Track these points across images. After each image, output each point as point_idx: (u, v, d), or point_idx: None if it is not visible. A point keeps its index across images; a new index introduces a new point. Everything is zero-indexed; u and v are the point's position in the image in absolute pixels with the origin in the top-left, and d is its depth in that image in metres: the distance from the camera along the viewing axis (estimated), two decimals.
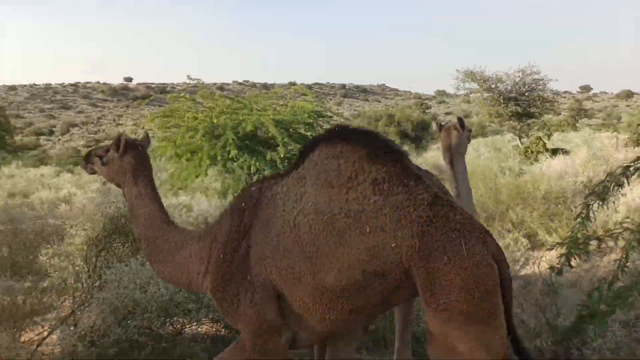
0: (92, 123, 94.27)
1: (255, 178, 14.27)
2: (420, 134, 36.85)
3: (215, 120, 13.64)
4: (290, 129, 14.01)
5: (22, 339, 4.57)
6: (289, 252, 2.52)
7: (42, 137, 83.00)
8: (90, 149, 3.50)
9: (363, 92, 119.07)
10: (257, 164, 13.68)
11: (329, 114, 15.62)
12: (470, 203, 4.45)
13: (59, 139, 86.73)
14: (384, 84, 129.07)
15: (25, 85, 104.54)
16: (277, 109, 14.93)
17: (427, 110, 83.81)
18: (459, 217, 2.43)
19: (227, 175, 14.25)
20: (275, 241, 2.56)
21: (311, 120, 14.30)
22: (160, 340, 4.25)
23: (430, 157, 22.21)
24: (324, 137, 2.72)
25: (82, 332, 4.16)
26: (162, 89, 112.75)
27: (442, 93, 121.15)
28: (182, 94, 17.62)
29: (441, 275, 2.28)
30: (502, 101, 23.05)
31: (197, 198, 14.80)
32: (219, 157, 13.12)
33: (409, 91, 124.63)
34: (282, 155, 13.24)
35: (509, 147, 22.71)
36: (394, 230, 2.35)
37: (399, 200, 2.41)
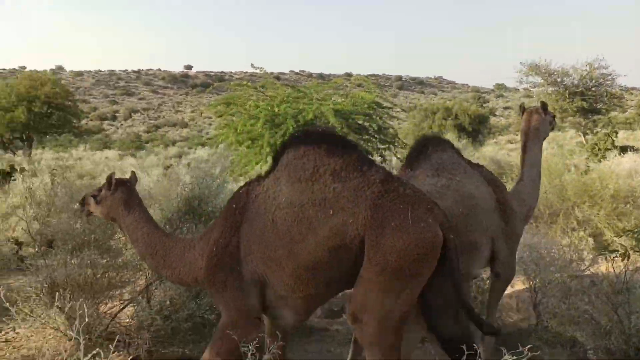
0: (153, 109, 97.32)
1: None
2: (477, 128, 36.11)
3: (276, 109, 13.85)
4: (350, 120, 14.06)
5: (101, 309, 4.85)
6: (270, 244, 2.93)
7: (106, 121, 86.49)
8: (84, 194, 3.87)
9: (419, 84, 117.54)
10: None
11: (388, 104, 15.57)
12: (534, 189, 4.32)
13: (122, 124, 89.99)
14: (441, 77, 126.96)
15: (90, 72, 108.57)
16: (337, 99, 15.01)
17: (484, 104, 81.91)
18: (408, 191, 2.87)
19: None
20: (259, 236, 2.99)
21: (370, 111, 14.30)
22: None
23: (488, 152, 21.75)
24: (289, 142, 3.18)
25: (158, 307, 4.39)
26: (221, 77, 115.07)
27: (501, 87, 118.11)
28: (244, 82, 17.98)
29: (387, 238, 2.70)
30: (567, 96, 22.33)
31: None
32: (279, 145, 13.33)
33: (467, 84, 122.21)
34: None
35: (572, 144, 21.99)
36: (352, 208, 2.79)
37: (355, 183, 2.86)
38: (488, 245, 3.80)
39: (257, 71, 15.90)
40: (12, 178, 15.51)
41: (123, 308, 4.86)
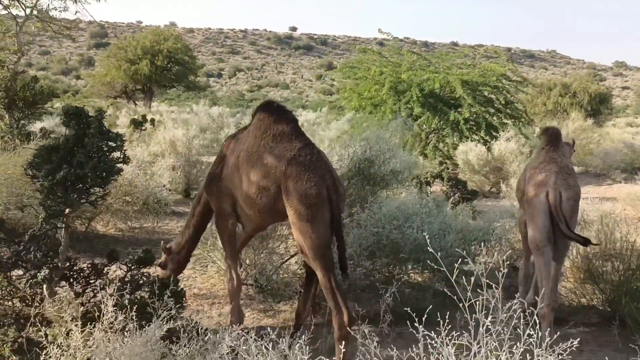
0: (257, 69, 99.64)
1: (432, 136, 14.29)
2: (596, 108, 33.90)
3: (402, 76, 13.78)
4: (477, 91, 13.73)
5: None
6: (235, 172, 4.20)
7: (212, 78, 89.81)
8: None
9: (530, 57, 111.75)
10: (439, 122, 13.64)
11: (518, 78, 15.00)
12: None
13: (226, 82, 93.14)
14: (554, 50, 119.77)
15: (201, 29, 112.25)
16: (465, 69, 14.64)
17: (600, 83, 76.66)
18: (314, 158, 3.89)
19: (407, 131, 14.41)
20: (231, 166, 4.27)
21: (499, 84, 13.88)
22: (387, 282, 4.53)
23: (615, 134, 20.45)
24: (258, 109, 4.34)
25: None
26: (324, 41, 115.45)
27: (620, 64, 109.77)
28: (369, 47, 17.95)
29: (292, 188, 3.79)
30: None
31: None
32: (403, 113, 13.26)
33: (582, 60, 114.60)
34: (466, 116, 13.06)
35: None
36: (277, 162, 3.90)
37: (283, 145, 3.97)
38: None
39: (385, 36, 15.76)
40: (143, 127, 16.62)
41: (291, 257, 5.15)
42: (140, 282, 3.72)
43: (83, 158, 3.40)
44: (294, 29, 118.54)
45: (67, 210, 3.44)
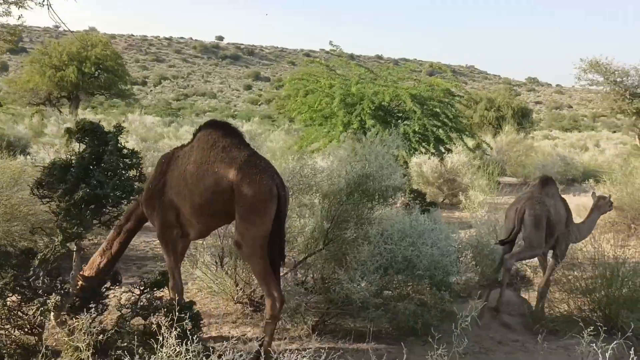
0: (183, 78, 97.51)
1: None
2: (519, 122, 35.70)
3: (353, 89, 13.89)
4: (425, 105, 14.07)
5: None
6: (181, 185, 4.46)
7: (136, 86, 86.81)
8: None
9: (451, 72, 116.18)
10: (390, 134, 13.83)
11: (460, 93, 15.53)
12: (587, 231, 6.41)
13: (151, 90, 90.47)
14: (472, 66, 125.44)
15: (123, 35, 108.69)
16: (412, 83, 14.99)
17: (515, 97, 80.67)
18: (262, 163, 4.39)
19: (357, 143, 14.53)
20: (175, 180, 4.51)
21: (446, 99, 14.31)
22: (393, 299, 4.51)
23: (544, 147, 21.56)
24: (203, 126, 4.71)
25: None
26: (251, 51, 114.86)
27: (533, 80, 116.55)
28: (317, 59, 17.98)
29: (244, 189, 4.22)
30: (627, 96, 22.00)
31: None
32: (354, 125, 13.36)
33: (498, 75, 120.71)
34: (415, 129, 13.34)
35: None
36: (228, 169, 4.29)
37: (233, 154, 4.38)
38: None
39: (334, 49, 15.85)
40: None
41: (286, 273, 5.02)
42: (155, 305, 3.50)
43: (101, 177, 3.15)
44: (220, 38, 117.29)
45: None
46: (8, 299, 3.35)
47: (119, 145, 3.33)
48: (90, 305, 3.48)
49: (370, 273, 4.37)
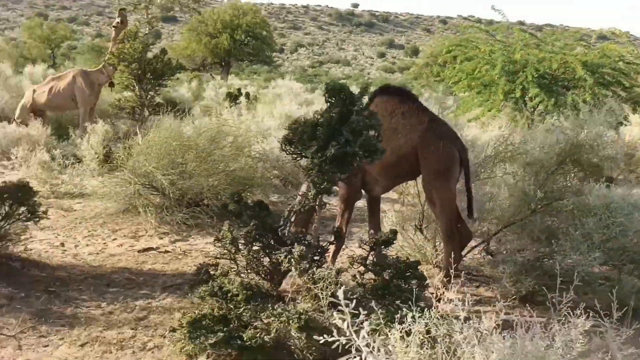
0: (318, 45, 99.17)
1: (542, 118, 13.72)
2: None
3: (517, 55, 13.23)
4: (597, 73, 13.05)
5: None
6: None
7: (274, 53, 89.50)
8: None
9: (627, 38, 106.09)
10: (554, 104, 13.07)
11: (637, 62, 14.21)
12: None
13: (288, 57, 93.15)
14: None
15: (263, 4, 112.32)
16: (584, 50, 13.96)
17: None
18: (444, 129, 4.66)
19: (517, 113, 13.91)
20: None
21: (622, 66, 13.16)
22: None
23: None
24: (378, 92, 4.87)
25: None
26: (386, 18, 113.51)
27: None
28: (475, 24, 17.39)
29: (427, 156, 4.54)
30: None
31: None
32: (517, 94, 12.77)
33: None
34: (587, 99, 12.45)
35: None
36: (410, 135, 4.62)
37: (413, 120, 4.64)
38: None
39: (497, 13, 15.15)
40: (238, 101, 16.75)
41: (480, 244, 5.02)
42: (386, 262, 3.65)
43: (349, 135, 3.31)
44: (355, 5, 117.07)
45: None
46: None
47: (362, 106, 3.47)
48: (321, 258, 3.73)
49: (594, 247, 4.19)
